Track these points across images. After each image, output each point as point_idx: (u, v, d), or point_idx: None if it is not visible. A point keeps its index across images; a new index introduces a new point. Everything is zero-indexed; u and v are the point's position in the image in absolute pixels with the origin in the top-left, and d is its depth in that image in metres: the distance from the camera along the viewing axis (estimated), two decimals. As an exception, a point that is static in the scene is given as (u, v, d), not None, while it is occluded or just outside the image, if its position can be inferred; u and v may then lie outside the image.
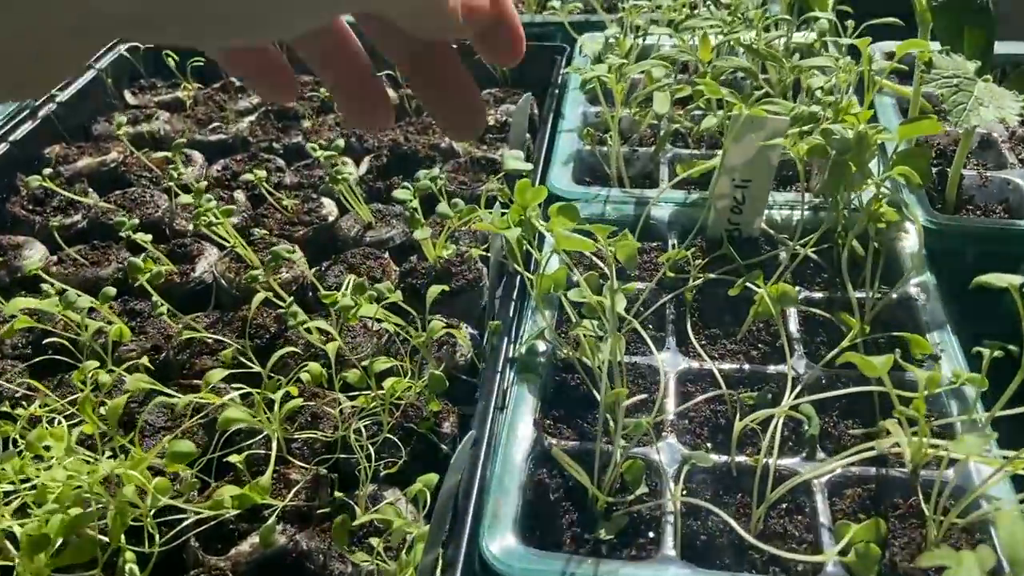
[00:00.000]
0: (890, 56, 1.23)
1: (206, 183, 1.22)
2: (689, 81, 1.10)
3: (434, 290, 0.86)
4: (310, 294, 1.05)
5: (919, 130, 0.83)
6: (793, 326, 0.85)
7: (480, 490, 0.70)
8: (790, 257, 0.93)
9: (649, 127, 1.21)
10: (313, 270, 1.08)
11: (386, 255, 1.08)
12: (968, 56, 0.95)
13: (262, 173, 1.10)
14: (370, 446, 0.80)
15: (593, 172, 1.17)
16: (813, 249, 0.92)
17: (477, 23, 0.39)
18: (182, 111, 1.50)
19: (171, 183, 1.19)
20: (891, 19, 1.03)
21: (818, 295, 0.90)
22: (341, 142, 1.11)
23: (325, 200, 1.19)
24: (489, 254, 1.00)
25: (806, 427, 0.74)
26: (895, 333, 0.80)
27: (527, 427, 0.75)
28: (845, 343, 0.79)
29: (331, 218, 1.17)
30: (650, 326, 0.90)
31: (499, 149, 1.32)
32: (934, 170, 1.06)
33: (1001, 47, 1.29)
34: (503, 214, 0.79)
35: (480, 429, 0.75)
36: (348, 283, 0.97)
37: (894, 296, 0.88)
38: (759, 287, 0.79)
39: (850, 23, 1.10)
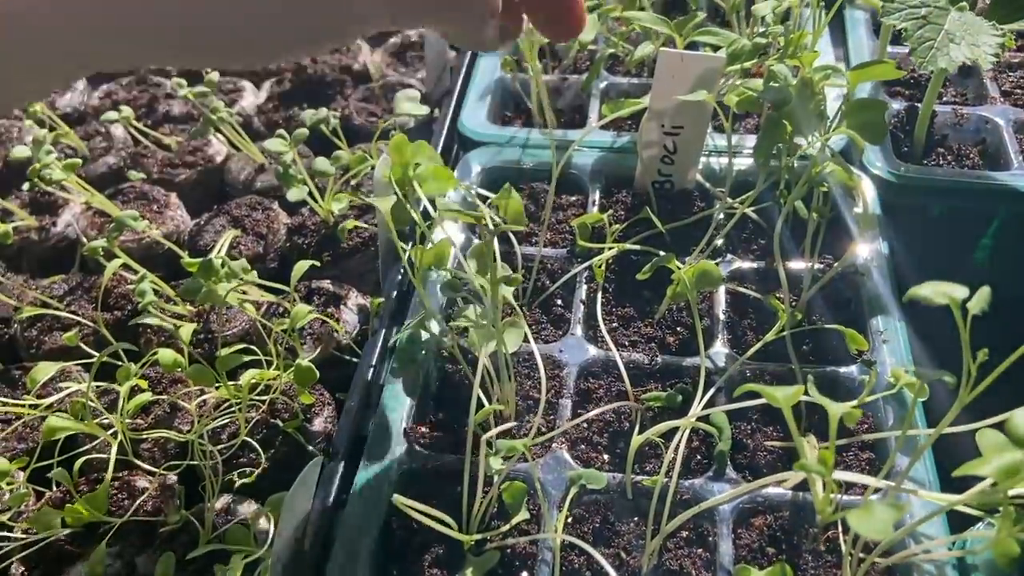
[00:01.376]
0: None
1: (82, 111, 1.08)
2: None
3: (301, 266, 0.73)
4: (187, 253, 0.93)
5: (872, 75, 0.69)
6: (720, 307, 0.74)
7: (330, 521, 0.60)
8: (725, 218, 0.81)
9: (587, 50, 1.05)
10: (193, 223, 0.95)
11: (275, 205, 0.95)
12: (947, -26, 0.80)
13: (128, 112, 0.95)
14: (224, 451, 0.70)
15: (518, 106, 1.02)
16: (754, 208, 0.80)
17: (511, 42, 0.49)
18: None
19: (43, 114, 1.04)
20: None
21: (752, 266, 0.78)
22: (215, 75, 0.95)
23: (215, 137, 1.05)
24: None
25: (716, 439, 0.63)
26: (828, 325, 0.68)
27: (396, 436, 0.65)
28: (770, 335, 0.67)
29: (219, 159, 1.03)
30: (559, 303, 0.78)
31: (419, 71, 1.16)
32: (905, 105, 0.92)
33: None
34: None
35: (339, 438, 0.65)
36: (223, 244, 0.85)
37: (837, 270, 0.76)
38: (676, 268, 0.67)
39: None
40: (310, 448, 0.72)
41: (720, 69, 0.73)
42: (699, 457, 0.64)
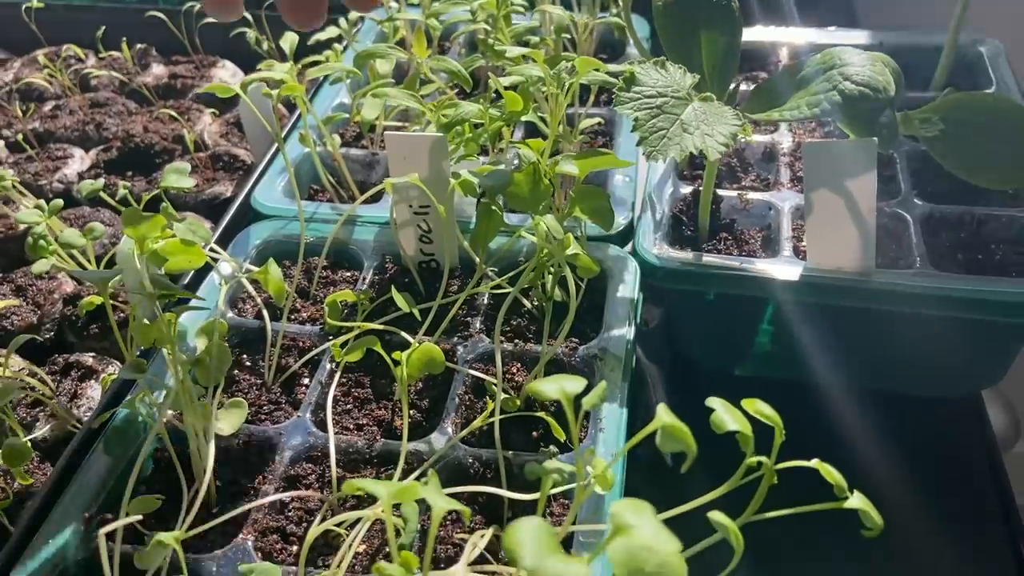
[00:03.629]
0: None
1: None
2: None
3: (17, 340, 0.71)
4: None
5: (596, 164, 0.70)
6: (459, 389, 0.72)
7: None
8: (485, 298, 0.80)
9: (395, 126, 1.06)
10: (-25, 292, 0.93)
11: (61, 275, 0.94)
12: (705, 66, 0.81)
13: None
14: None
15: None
16: (516, 289, 0.79)
17: None
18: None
19: None
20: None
21: (507, 347, 0.77)
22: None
23: (25, 203, 1.04)
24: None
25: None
26: (538, 413, 0.67)
27: (76, 523, 0.62)
28: (478, 421, 0.66)
29: (22, 227, 1.01)
30: (305, 381, 0.76)
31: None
32: (691, 189, 0.93)
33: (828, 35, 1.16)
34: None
35: (20, 521, 0.62)
36: (-14, 314, 0.83)
37: (581, 352, 0.75)
38: (390, 356, 0.66)
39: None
40: (10, 529, 0.68)
41: (445, 148, 0.73)
42: (385, 552, 0.62)
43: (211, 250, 0.82)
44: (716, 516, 0.52)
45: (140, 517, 0.56)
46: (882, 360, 0.87)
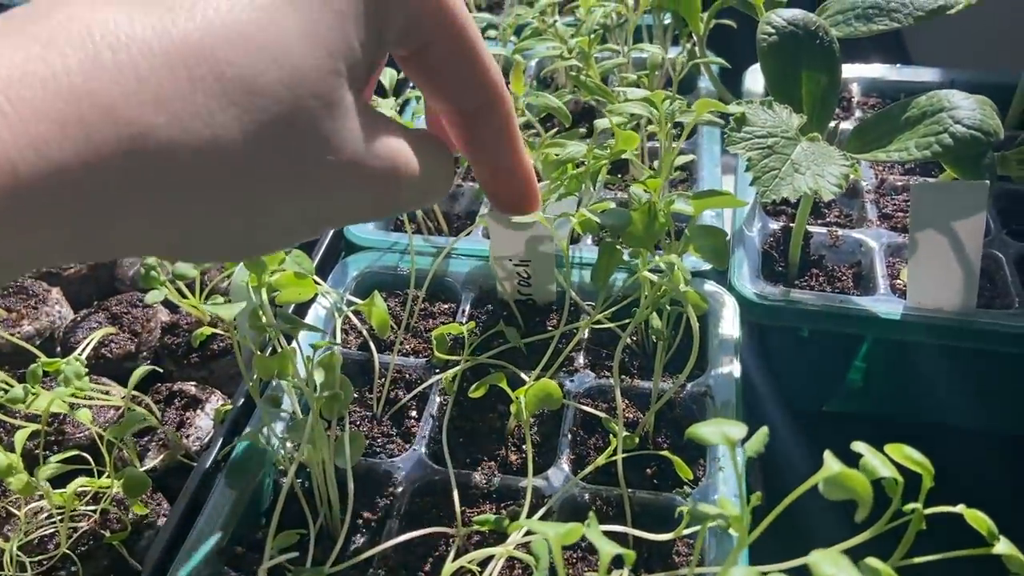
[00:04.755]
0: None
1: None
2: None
3: (140, 372, 0.73)
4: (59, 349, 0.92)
5: (714, 204, 0.70)
6: (568, 425, 0.73)
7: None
8: (585, 332, 0.81)
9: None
10: (71, 319, 0.94)
11: (156, 304, 0.95)
12: (805, 105, 0.82)
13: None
14: (45, 562, 0.68)
15: (414, 212, 1.03)
16: (618, 323, 0.79)
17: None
18: None
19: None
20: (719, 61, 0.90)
21: (606, 382, 0.77)
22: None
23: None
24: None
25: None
26: (660, 451, 0.68)
27: (209, 556, 0.63)
28: (601, 459, 0.66)
29: (111, 254, 1.03)
30: (413, 415, 0.77)
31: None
32: (781, 225, 0.94)
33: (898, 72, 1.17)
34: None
35: (151, 553, 0.63)
36: (90, 342, 0.84)
37: (689, 389, 0.75)
38: (510, 390, 0.66)
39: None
40: (132, 562, 0.69)
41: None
42: (517, 589, 0.63)
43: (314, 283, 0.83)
44: (872, 562, 0.52)
45: (288, 553, 0.56)
46: (976, 399, 0.88)
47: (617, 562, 0.47)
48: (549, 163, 0.79)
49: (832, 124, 0.83)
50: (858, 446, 0.54)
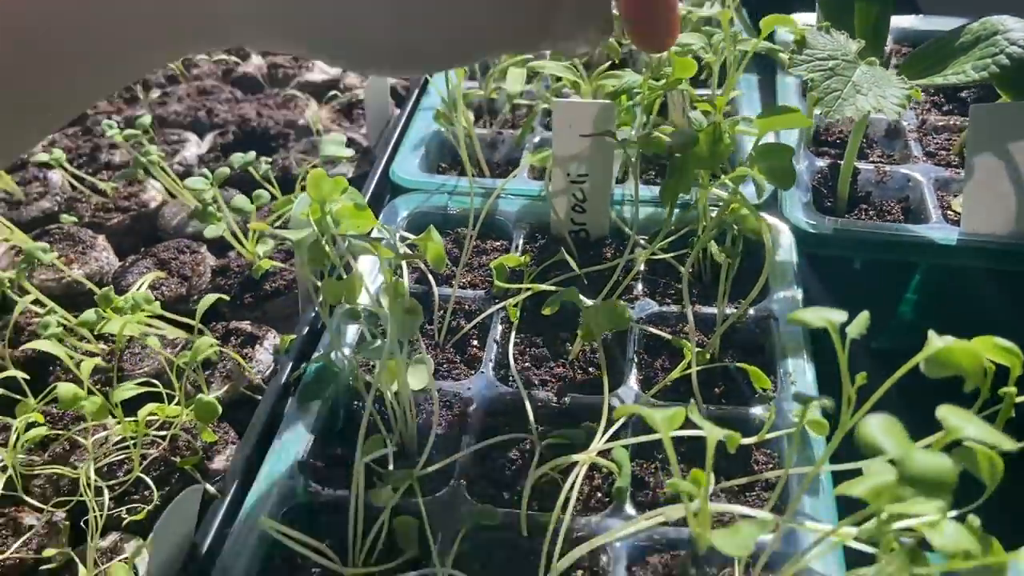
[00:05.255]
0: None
1: (23, 158, 1.08)
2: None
3: (208, 299, 0.73)
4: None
5: (780, 124, 0.71)
6: (632, 348, 0.73)
7: (211, 552, 0.58)
8: (642, 263, 0.81)
9: (525, 105, 1.07)
10: (118, 265, 0.94)
11: (203, 249, 0.94)
12: (858, 33, 0.82)
13: (59, 153, 0.95)
14: (117, 487, 0.68)
15: (455, 157, 1.03)
16: (674, 254, 0.80)
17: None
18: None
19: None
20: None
21: (671, 310, 0.77)
22: (148, 119, 0.96)
23: (152, 183, 1.05)
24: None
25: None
26: (734, 363, 0.68)
27: (290, 470, 0.63)
28: (675, 373, 0.67)
29: (153, 204, 1.02)
30: (474, 343, 0.77)
31: (364, 127, 1.18)
32: (828, 163, 0.94)
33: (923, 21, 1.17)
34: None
35: (232, 470, 0.63)
36: (142, 283, 0.84)
37: (751, 313, 0.76)
38: (580, 304, 0.67)
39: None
40: (208, 487, 0.69)
41: (612, 115, 0.75)
42: (599, 495, 0.63)
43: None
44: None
45: (377, 456, 0.56)
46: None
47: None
48: (607, 93, 0.80)
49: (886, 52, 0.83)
50: (942, 339, 0.55)
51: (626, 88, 0.79)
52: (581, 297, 0.69)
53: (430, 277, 0.79)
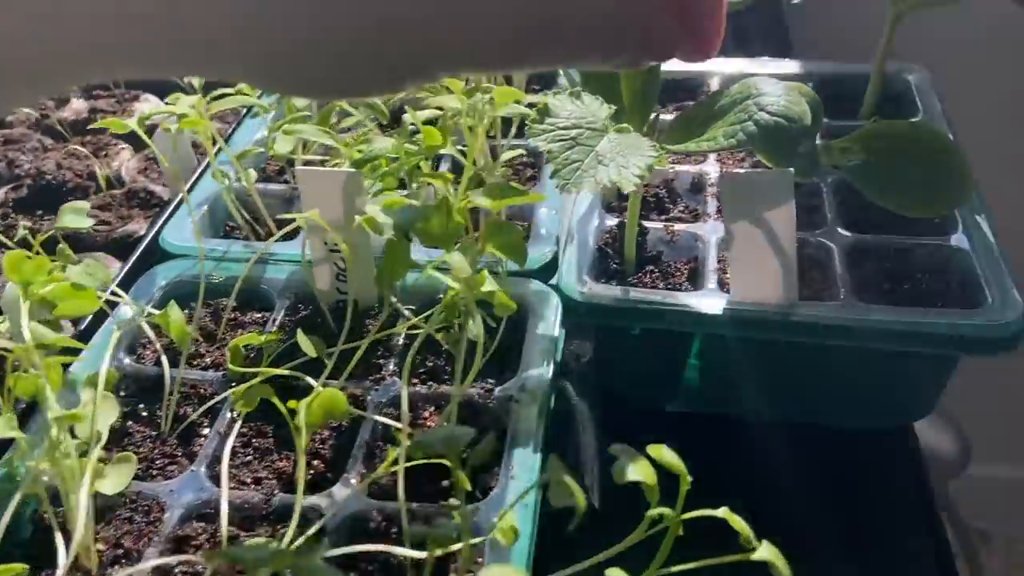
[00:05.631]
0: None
1: None
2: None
3: None
4: None
5: (510, 200, 0.67)
6: (364, 437, 0.68)
7: None
8: (401, 338, 0.77)
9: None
10: None
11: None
12: (626, 95, 0.79)
13: None
14: None
15: (253, 215, 0.98)
16: (437, 328, 0.75)
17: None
18: None
19: None
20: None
21: (421, 391, 0.73)
22: None
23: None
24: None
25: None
26: (445, 461, 0.63)
27: (-59, 596, 0.57)
28: (380, 470, 0.62)
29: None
30: (205, 431, 0.72)
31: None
32: (617, 222, 0.91)
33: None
34: None
35: None
36: None
37: (496, 394, 0.72)
38: (286, 405, 0.62)
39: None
40: None
41: (359, 184, 0.70)
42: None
43: (113, 293, 0.78)
44: (614, 573, 0.49)
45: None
46: (809, 394, 0.86)
47: None
48: (353, 161, 0.76)
49: (653, 116, 0.80)
50: (615, 449, 0.51)
51: (374, 156, 0.74)
52: (316, 384, 0.64)
53: (163, 357, 0.74)
